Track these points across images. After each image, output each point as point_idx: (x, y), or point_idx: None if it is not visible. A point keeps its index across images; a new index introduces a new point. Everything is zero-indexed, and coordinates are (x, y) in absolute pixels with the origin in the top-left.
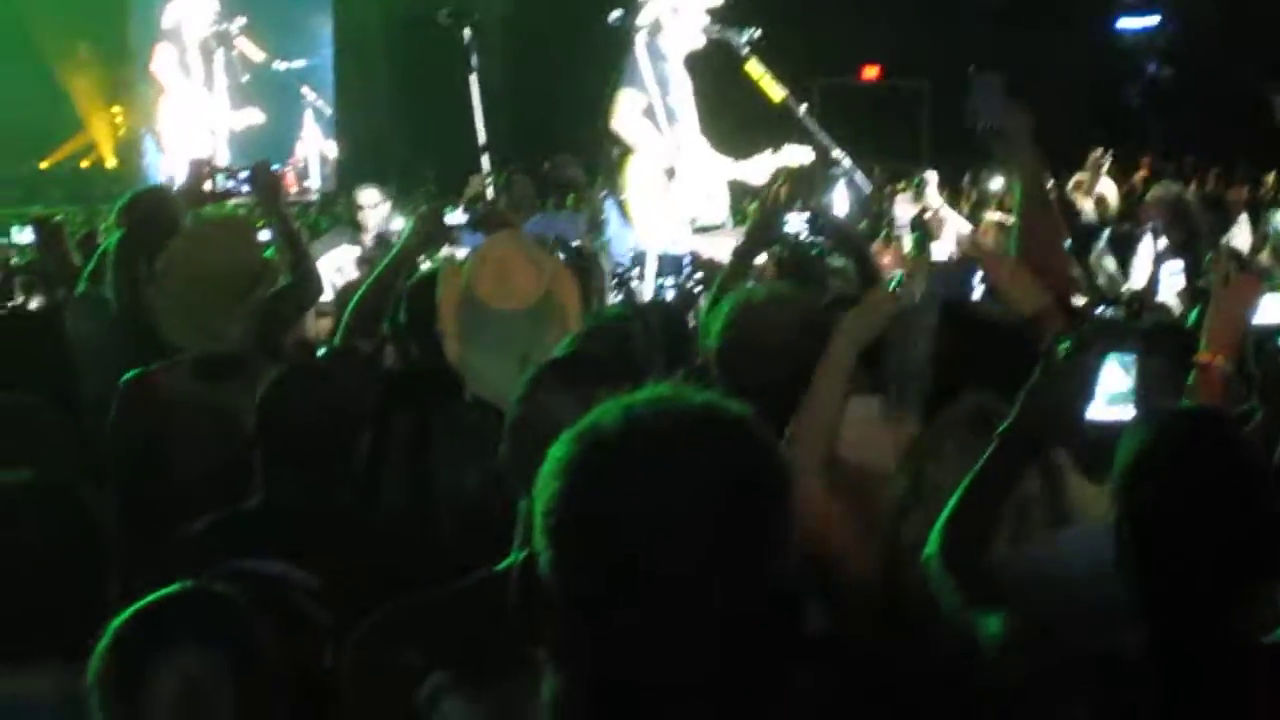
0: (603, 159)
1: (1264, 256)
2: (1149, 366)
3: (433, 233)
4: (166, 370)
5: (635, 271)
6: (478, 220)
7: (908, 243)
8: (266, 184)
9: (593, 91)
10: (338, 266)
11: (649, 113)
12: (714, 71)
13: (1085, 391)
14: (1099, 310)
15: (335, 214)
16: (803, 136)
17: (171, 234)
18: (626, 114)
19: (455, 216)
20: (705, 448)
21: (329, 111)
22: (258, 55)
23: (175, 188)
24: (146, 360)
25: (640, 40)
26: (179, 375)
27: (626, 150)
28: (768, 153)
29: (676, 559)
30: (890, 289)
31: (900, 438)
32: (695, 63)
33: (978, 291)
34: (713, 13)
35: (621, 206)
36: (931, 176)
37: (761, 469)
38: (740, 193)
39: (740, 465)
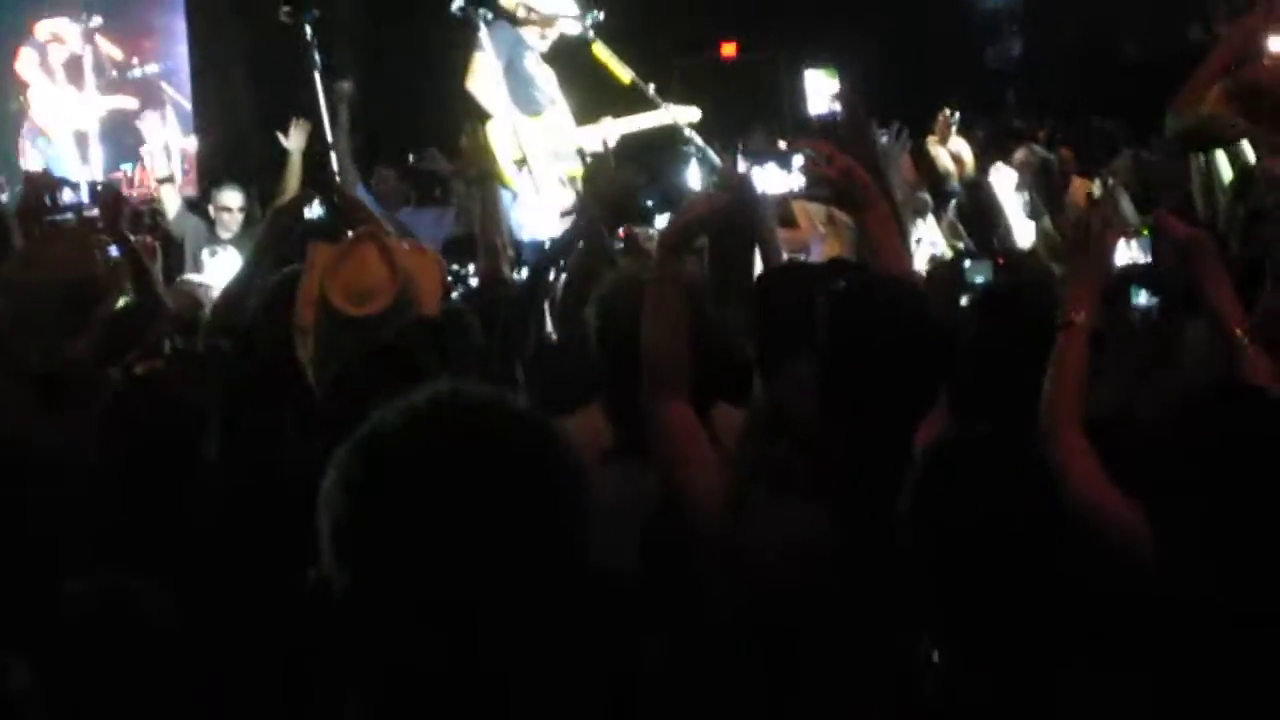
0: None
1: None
2: None
3: (290, 227)
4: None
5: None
6: (333, 213)
7: None
8: (107, 203)
9: (454, 82)
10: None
11: (501, 83)
12: (561, 54)
13: None
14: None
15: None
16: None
17: (3, 249)
18: (482, 78)
19: (313, 210)
20: (492, 442)
21: (187, 107)
22: (117, 54)
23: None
24: None
25: (483, 25)
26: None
27: (482, 116)
28: (607, 119)
29: (473, 564)
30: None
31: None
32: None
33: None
34: None
35: (499, 178)
36: None
37: (548, 457)
38: None
39: (524, 455)
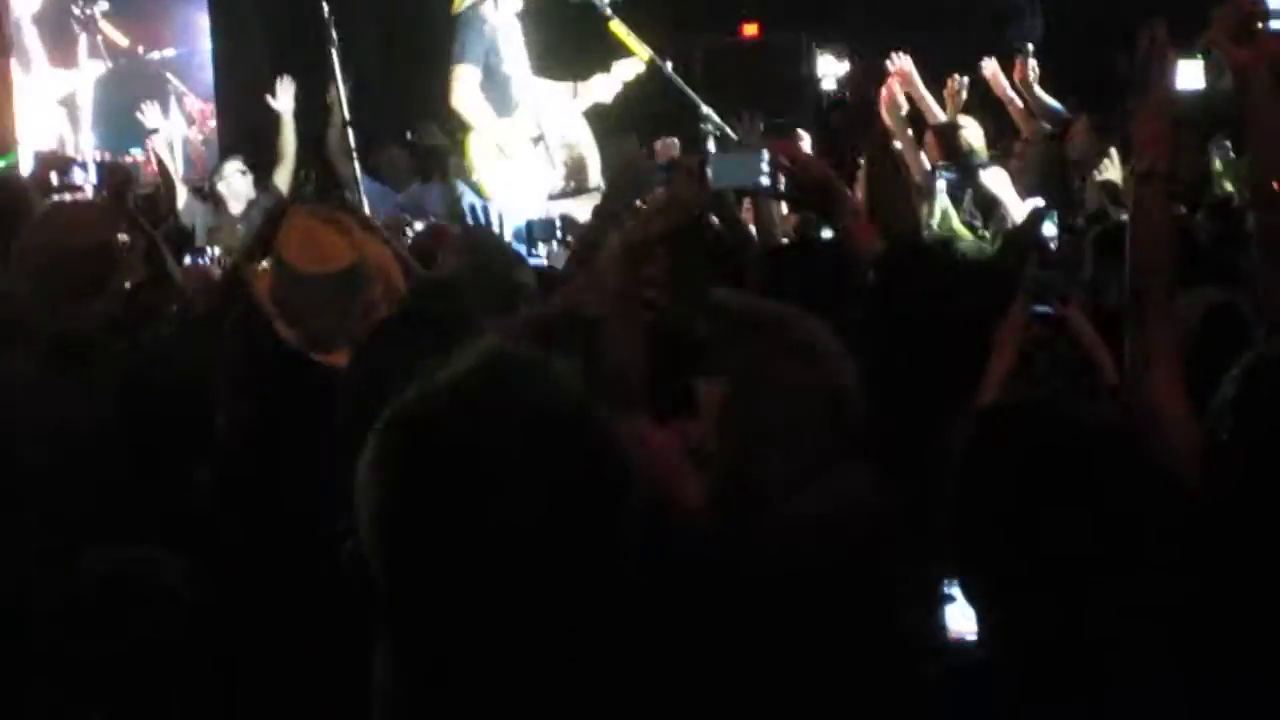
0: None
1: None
2: None
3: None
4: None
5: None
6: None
7: None
8: (114, 185)
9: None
10: None
11: (485, 87)
12: (580, 33)
13: None
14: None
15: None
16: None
17: (22, 219)
18: (463, 91)
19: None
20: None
21: (194, 99)
22: (123, 41)
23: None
24: None
25: (472, 14)
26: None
27: (464, 129)
28: (598, 75)
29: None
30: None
31: None
32: (549, 24)
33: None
34: None
35: (475, 188)
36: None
37: (582, 415)
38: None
39: (560, 415)
